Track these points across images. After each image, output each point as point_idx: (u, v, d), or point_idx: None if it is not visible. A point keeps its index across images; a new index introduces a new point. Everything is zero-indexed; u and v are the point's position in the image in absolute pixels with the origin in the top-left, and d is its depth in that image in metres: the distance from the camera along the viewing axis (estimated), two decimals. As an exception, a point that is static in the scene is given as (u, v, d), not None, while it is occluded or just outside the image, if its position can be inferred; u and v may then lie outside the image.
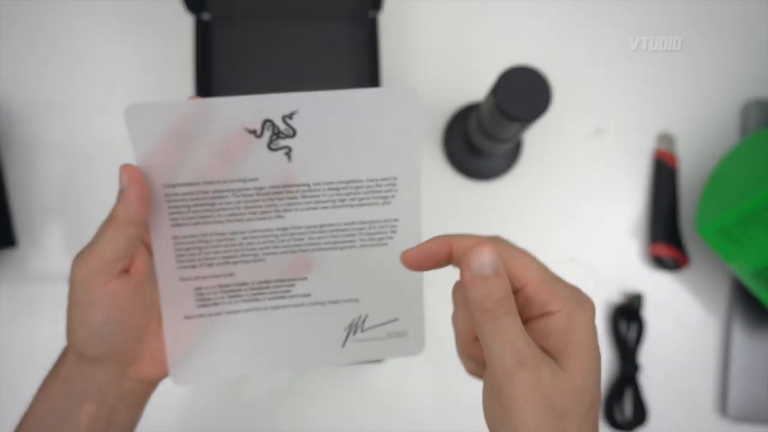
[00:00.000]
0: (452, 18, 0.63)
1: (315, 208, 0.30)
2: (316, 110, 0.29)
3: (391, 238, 0.32)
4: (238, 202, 0.29)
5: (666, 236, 0.60)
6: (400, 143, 0.31)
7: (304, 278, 0.32)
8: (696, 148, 0.62)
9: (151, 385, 0.33)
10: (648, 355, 0.60)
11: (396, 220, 0.32)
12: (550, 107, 0.44)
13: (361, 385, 0.60)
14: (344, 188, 0.30)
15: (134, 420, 0.33)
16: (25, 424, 0.31)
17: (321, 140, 0.29)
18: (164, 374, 0.33)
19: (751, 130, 0.61)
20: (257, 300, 0.32)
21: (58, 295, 0.59)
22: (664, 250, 0.60)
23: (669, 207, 0.61)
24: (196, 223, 0.30)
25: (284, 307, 0.32)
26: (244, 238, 0.30)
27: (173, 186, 0.29)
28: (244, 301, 0.31)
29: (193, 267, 0.30)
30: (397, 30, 0.62)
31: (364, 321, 0.33)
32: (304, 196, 0.30)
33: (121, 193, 0.29)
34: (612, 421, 0.58)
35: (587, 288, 0.64)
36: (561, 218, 0.62)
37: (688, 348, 0.61)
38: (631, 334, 0.59)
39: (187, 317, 0.31)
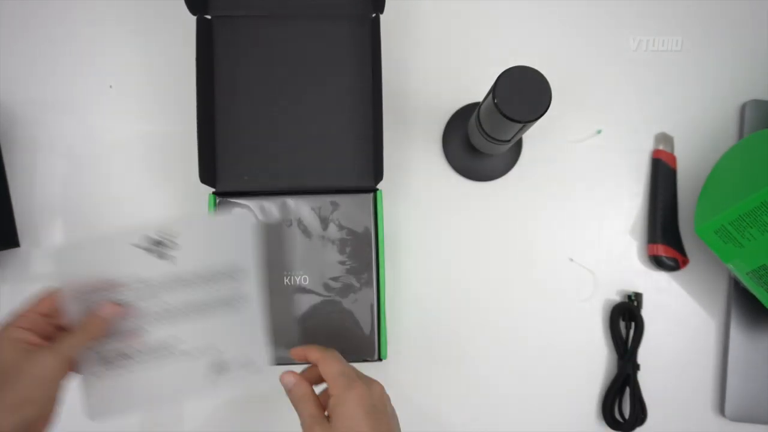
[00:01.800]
0: (452, 18, 0.63)
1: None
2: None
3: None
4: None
5: (664, 236, 0.60)
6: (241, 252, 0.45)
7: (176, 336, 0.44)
8: (695, 148, 0.62)
9: None
10: (647, 355, 0.60)
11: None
12: (550, 107, 0.44)
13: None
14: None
15: None
16: None
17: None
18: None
19: (749, 131, 0.61)
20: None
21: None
22: (662, 251, 0.60)
23: (668, 207, 0.61)
24: None
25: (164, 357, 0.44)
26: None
27: None
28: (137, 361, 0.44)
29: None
30: (397, 30, 0.62)
31: (222, 361, 0.45)
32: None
33: (99, 317, 0.43)
34: (611, 420, 0.59)
35: (586, 288, 0.65)
36: (560, 218, 0.62)
37: (687, 347, 0.61)
38: (630, 334, 0.60)
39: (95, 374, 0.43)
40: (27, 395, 0.39)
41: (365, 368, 0.60)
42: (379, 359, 0.53)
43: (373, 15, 0.54)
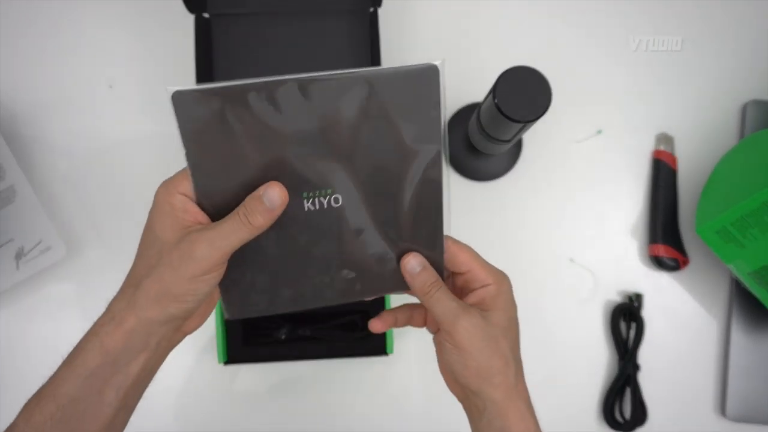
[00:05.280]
0: (452, 18, 0.63)
1: None
2: None
3: None
4: None
5: (665, 237, 0.60)
6: None
7: None
8: (695, 148, 0.62)
9: (185, 336, 0.38)
10: (647, 355, 0.60)
11: None
12: (550, 108, 0.44)
13: (366, 379, 0.60)
14: None
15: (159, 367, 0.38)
16: (75, 372, 0.33)
17: None
18: (198, 327, 0.39)
19: (750, 131, 0.61)
20: None
21: (60, 294, 0.60)
22: (663, 251, 0.60)
23: (668, 207, 0.61)
24: None
25: None
26: None
27: None
28: None
29: None
30: (397, 29, 0.62)
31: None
32: None
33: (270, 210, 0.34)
34: (611, 420, 0.58)
35: (587, 288, 0.64)
36: (561, 218, 0.62)
37: (688, 348, 0.61)
38: (631, 334, 0.60)
39: None
40: (171, 291, 0.33)
41: (371, 362, 0.60)
42: (385, 353, 0.53)
43: (371, 9, 0.54)
